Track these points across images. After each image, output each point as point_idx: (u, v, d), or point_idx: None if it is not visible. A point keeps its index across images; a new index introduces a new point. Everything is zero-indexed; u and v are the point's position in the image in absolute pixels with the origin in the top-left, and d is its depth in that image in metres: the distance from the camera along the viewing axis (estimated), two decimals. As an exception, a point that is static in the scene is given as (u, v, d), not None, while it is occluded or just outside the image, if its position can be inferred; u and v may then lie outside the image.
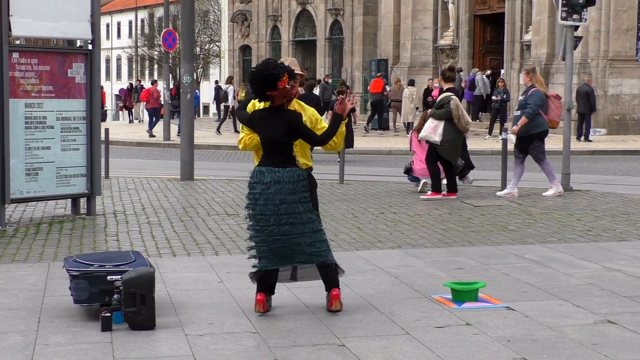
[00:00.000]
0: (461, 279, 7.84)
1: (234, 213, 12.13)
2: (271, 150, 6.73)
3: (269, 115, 6.75)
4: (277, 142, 6.70)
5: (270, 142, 6.73)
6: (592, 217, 11.80)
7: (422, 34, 38.25)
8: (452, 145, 13.51)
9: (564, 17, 14.74)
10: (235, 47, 52.19)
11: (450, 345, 5.96)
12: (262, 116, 6.79)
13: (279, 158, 6.71)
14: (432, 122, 13.57)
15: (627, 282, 7.87)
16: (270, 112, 6.77)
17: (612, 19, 29.52)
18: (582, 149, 24.88)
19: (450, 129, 13.44)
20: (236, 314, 6.77)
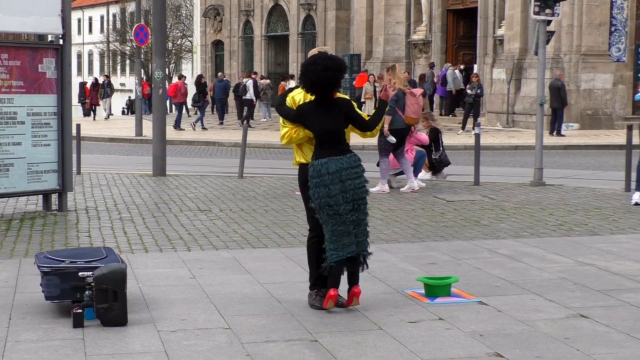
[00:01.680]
0: (434, 274, 7.85)
1: (207, 209, 12.09)
2: (328, 141, 6.73)
3: (321, 107, 6.76)
4: (334, 132, 6.75)
5: (328, 133, 6.73)
6: (565, 211, 11.85)
7: (395, 29, 38.28)
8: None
9: (537, 11, 14.78)
10: (207, 42, 52.02)
11: (423, 340, 5.96)
12: (313, 109, 6.77)
13: (338, 147, 6.74)
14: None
15: (599, 276, 7.91)
16: (322, 104, 6.76)
17: (584, 13, 29.65)
18: (555, 143, 24.99)
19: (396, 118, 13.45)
20: (208, 310, 6.73)
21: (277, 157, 22.89)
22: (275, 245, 9.49)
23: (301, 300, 6.99)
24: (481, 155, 15.69)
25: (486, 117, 32.18)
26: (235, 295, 7.20)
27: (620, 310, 6.69)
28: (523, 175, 16.61)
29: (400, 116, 13.55)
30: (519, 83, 31.13)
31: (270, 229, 10.45)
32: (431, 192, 13.89)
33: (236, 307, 6.81)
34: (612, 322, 6.35)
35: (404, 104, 13.51)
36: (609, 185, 14.97)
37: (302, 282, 7.59)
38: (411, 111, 13.51)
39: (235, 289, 7.42)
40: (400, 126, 13.62)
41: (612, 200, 12.90)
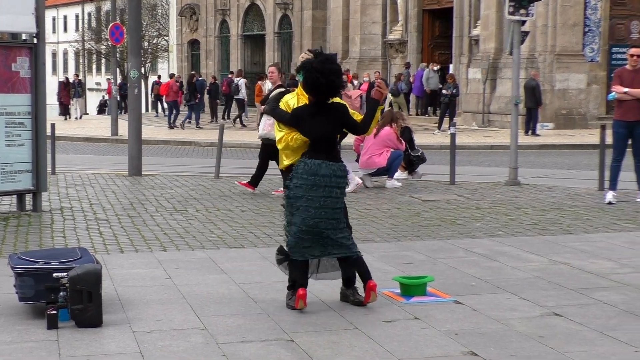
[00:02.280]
0: (410, 273, 7.87)
1: (183, 209, 12.06)
2: (322, 145, 6.73)
3: (318, 111, 6.75)
4: (329, 136, 6.77)
5: (323, 137, 6.74)
6: (540, 210, 11.91)
7: (371, 29, 38.35)
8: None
9: (511, 12, 14.85)
10: (183, 41, 51.91)
11: (399, 340, 5.98)
12: (310, 113, 6.76)
13: (332, 152, 6.76)
14: (268, 119, 13.52)
15: (573, 274, 7.96)
16: (319, 107, 6.76)
17: (558, 14, 29.82)
18: (530, 143, 25.12)
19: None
20: (184, 310, 6.72)
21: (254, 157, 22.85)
22: (252, 245, 9.48)
23: (277, 300, 6.99)
24: (457, 154, 15.74)
25: (462, 116, 32.31)
26: (211, 295, 7.19)
27: (593, 309, 6.74)
28: (498, 174, 16.68)
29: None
30: (494, 83, 31.27)
31: (246, 229, 10.44)
32: (407, 191, 13.93)
33: (212, 308, 6.80)
34: (586, 321, 6.40)
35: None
36: (583, 184, 15.06)
37: (278, 282, 7.59)
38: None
39: (211, 289, 7.41)
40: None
41: (586, 200, 12.99)
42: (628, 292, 7.25)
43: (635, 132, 12.24)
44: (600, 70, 30.51)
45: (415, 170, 15.91)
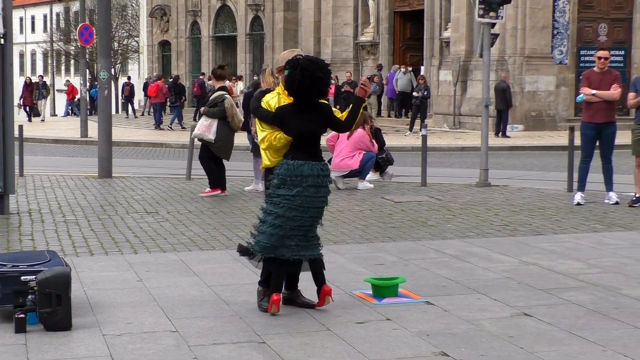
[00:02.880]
0: (381, 274, 7.89)
1: (154, 211, 12.02)
2: (305, 144, 6.71)
3: (302, 110, 6.72)
4: (313, 135, 6.75)
5: (307, 136, 6.72)
6: (510, 212, 11.98)
7: (342, 30, 38.39)
8: (225, 143, 13.64)
9: (481, 14, 14.94)
10: (154, 42, 51.71)
11: (371, 341, 5.99)
12: (294, 111, 6.72)
13: (314, 151, 6.74)
14: (205, 120, 13.69)
15: (543, 275, 8.02)
16: (303, 106, 6.72)
17: (528, 16, 30.00)
18: (500, 144, 25.25)
19: (223, 128, 13.55)
20: (155, 313, 6.70)
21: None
22: (223, 247, 9.46)
23: (249, 302, 6.99)
24: (428, 156, 15.80)
25: (433, 118, 32.42)
26: (183, 297, 7.17)
27: (562, 309, 6.79)
28: (469, 176, 16.76)
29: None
30: (465, 85, 31.42)
31: (218, 231, 10.42)
32: (379, 193, 13.96)
33: (183, 310, 6.79)
34: (555, 320, 6.45)
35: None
36: (552, 185, 15.16)
37: (250, 284, 7.59)
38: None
39: (182, 291, 7.39)
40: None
41: (555, 201, 13.08)
42: (596, 292, 7.31)
43: (603, 133, 12.35)
44: (569, 72, 30.72)
45: (386, 171, 15.95)
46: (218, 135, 13.52)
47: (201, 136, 13.66)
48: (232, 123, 13.56)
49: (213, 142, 13.56)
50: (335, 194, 13.85)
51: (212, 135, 13.51)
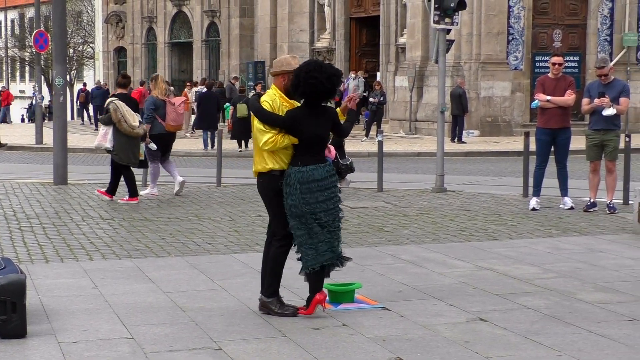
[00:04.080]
0: (338, 280, 7.89)
1: (110, 217, 11.95)
2: (313, 148, 6.77)
3: (313, 113, 6.76)
4: (323, 139, 6.85)
5: (317, 140, 6.78)
6: (466, 217, 12.06)
7: (298, 37, 38.41)
8: (122, 150, 13.59)
9: (436, 20, 15.03)
10: (109, 48, 51.36)
11: (327, 347, 6.01)
12: (305, 115, 6.74)
13: (321, 154, 6.83)
14: (102, 129, 13.76)
15: (498, 280, 8.08)
16: (314, 110, 6.77)
17: (483, 22, 30.23)
18: (456, 150, 25.40)
19: (118, 134, 13.55)
20: (111, 319, 6.66)
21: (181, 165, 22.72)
22: (180, 253, 9.43)
23: (205, 309, 6.97)
24: (384, 162, 15.86)
25: (389, 124, 32.53)
26: (139, 304, 7.14)
27: (517, 314, 6.85)
28: (425, 181, 16.85)
29: (160, 123, 14.06)
30: (421, 91, 31.58)
31: (174, 238, 10.38)
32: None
33: (139, 317, 6.76)
34: (510, 325, 6.50)
35: (164, 113, 14.08)
36: (508, 191, 15.28)
37: (205, 290, 7.59)
38: (171, 119, 14.15)
39: (138, 298, 7.36)
40: (161, 132, 14.13)
41: (510, 206, 13.18)
42: (551, 297, 7.39)
43: (558, 139, 12.47)
44: (524, 78, 30.99)
45: (344, 177, 15.95)
46: (115, 142, 13.52)
47: (99, 146, 13.79)
48: (120, 128, 13.44)
49: (112, 151, 13.58)
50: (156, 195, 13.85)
51: (109, 144, 13.54)
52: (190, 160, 24.49)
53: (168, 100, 14.21)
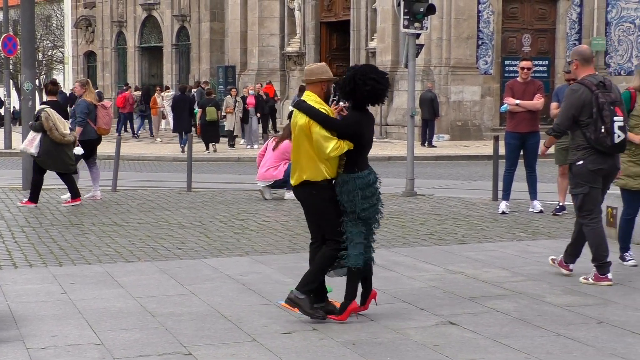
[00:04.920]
0: (308, 284, 7.89)
1: (79, 222, 11.88)
2: (366, 152, 6.86)
3: (366, 117, 6.86)
4: (372, 143, 6.96)
5: (370, 144, 6.89)
6: (436, 221, 12.10)
7: (269, 41, 38.39)
8: (48, 156, 13.65)
9: (406, 25, 15.08)
10: (79, 53, 51.08)
11: (297, 351, 6.01)
12: (364, 119, 6.83)
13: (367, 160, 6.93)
14: (30, 135, 13.92)
15: (468, 283, 8.11)
16: (366, 114, 6.86)
17: (453, 27, 30.38)
18: (426, 154, 25.49)
19: (47, 141, 13.59)
20: (80, 325, 6.63)
21: (151, 169, 22.67)
22: (150, 258, 9.40)
23: (175, 314, 6.95)
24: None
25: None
26: (108, 310, 7.11)
27: (486, 317, 6.88)
28: (396, 185, 16.85)
29: (92, 127, 14.26)
30: (391, 95, 31.65)
31: (144, 242, 10.34)
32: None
33: (109, 322, 6.73)
34: (479, 329, 6.53)
35: (95, 116, 14.31)
36: (477, 194, 15.35)
37: (175, 295, 7.57)
38: (103, 122, 14.44)
39: (107, 303, 7.32)
40: (92, 137, 14.36)
41: (480, 210, 13.24)
42: (520, 300, 7.43)
43: (527, 143, 12.54)
44: (494, 82, 31.18)
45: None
46: (41, 149, 13.57)
47: (25, 150, 13.88)
48: (52, 135, 13.49)
49: (35, 156, 13.68)
50: (261, 204, 13.86)
51: (35, 150, 13.61)
52: (160, 165, 24.42)
53: (101, 105, 14.51)
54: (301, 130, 6.73)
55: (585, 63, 8.18)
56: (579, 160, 8.04)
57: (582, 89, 8.02)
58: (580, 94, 8.00)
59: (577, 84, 8.14)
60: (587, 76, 8.10)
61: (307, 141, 6.71)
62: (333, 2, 36.46)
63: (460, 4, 30.26)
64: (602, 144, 7.92)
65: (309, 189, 6.78)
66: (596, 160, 7.99)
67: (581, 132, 8.01)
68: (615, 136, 7.91)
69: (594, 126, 7.92)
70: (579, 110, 8.00)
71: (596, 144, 7.93)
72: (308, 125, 6.68)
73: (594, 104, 7.93)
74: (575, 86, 8.16)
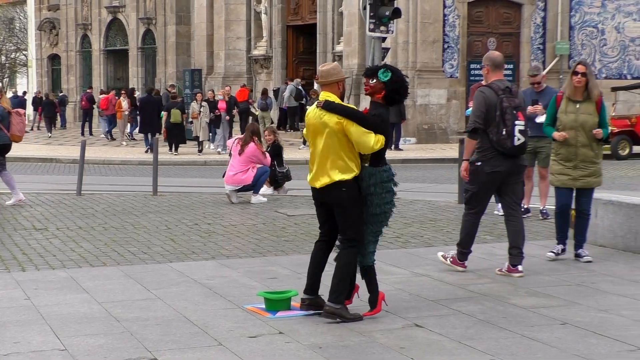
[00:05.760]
0: (275, 288, 7.90)
1: (43, 227, 11.78)
2: (386, 148, 7.00)
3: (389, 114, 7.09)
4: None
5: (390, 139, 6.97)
6: (402, 224, 12.12)
7: (235, 44, 38.34)
8: None
9: (372, 28, 15.15)
10: (43, 56, 50.69)
11: (263, 355, 6.00)
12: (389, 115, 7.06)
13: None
14: None
15: (434, 286, 8.14)
16: (388, 111, 7.06)
17: (419, 31, 30.49)
18: (393, 157, 25.50)
19: None
20: (44, 331, 6.57)
21: (117, 174, 22.54)
22: (115, 263, 9.34)
23: (141, 318, 6.91)
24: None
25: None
26: (72, 315, 7.05)
27: (452, 319, 6.91)
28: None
29: (5, 133, 14.18)
30: (358, 98, 31.71)
31: (109, 247, 10.28)
32: (272, 207, 13.97)
33: (73, 328, 6.67)
34: (445, 331, 6.56)
35: (9, 123, 14.21)
36: (443, 197, 15.41)
37: (141, 299, 7.52)
38: (17, 130, 14.35)
39: (72, 309, 7.27)
40: (4, 142, 14.25)
41: (446, 212, 13.29)
42: (485, 302, 7.47)
43: (492, 146, 12.58)
44: (460, 85, 31.33)
45: (281, 185, 15.98)
46: None
47: None
48: None
49: None
50: (228, 208, 13.83)
51: None
52: (126, 168, 24.29)
53: (15, 111, 14.43)
54: (332, 131, 6.84)
55: (496, 69, 8.74)
56: (478, 161, 8.59)
57: (489, 91, 8.58)
58: (487, 96, 8.55)
59: (486, 87, 8.68)
60: (496, 81, 8.65)
61: (338, 140, 6.85)
62: (299, 6, 36.49)
63: (426, 7, 30.39)
64: (503, 145, 8.46)
65: (339, 188, 6.92)
66: (494, 162, 8.53)
67: (484, 133, 8.52)
68: (516, 139, 8.50)
69: (497, 128, 8.47)
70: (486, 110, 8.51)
71: (498, 146, 8.49)
72: (342, 125, 6.82)
73: (498, 107, 8.47)
74: (483, 89, 8.69)
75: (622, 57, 33.02)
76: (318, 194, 7.12)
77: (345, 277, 6.94)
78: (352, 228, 6.95)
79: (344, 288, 6.93)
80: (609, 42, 32.84)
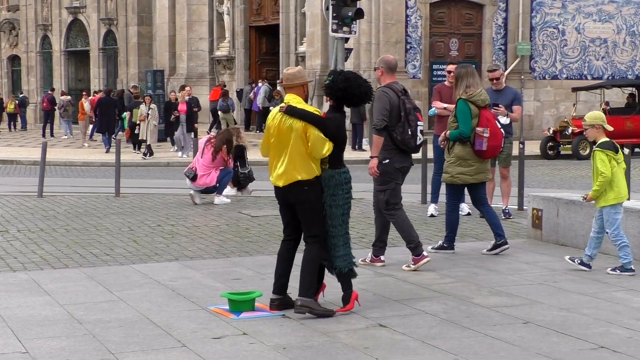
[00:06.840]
0: (238, 289, 7.89)
1: (3, 229, 11.67)
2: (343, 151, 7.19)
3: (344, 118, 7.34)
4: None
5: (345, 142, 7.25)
6: (366, 224, 12.14)
7: (198, 45, 38.22)
8: None
9: (335, 29, 15.17)
10: (3, 57, 50.21)
11: (227, 356, 5.98)
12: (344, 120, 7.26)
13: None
14: None
15: (398, 286, 8.17)
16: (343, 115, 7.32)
17: (381, 31, 30.57)
18: (356, 158, 25.54)
19: None
20: (4, 334, 6.51)
21: (79, 175, 22.38)
22: (77, 265, 9.27)
23: (103, 320, 6.87)
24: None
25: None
26: (34, 317, 6.99)
27: (416, 319, 6.94)
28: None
29: None
30: (321, 99, 31.71)
31: (71, 249, 10.20)
32: (236, 208, 13.94)
33: (34, 330, 6.62)
34: (409, 330, 6.58)
35: None
36: (406, 197, 15.37)
37: (104, 301, 7.48)
38: None
39: (33, 311, 7.20)
40: None
41: (409, 213, 13.22)
42: (448, 302, 7.50)
43: (454, 146, 12.65)
44: (422, 86, 31.43)
45: (245, 186, 15.95)
46: None
47: None
48: None
49: None
50: (192, 209, 13.78)
51: None
52: (88, 170, 24.12)
53: None
54: (297, 134, 7.06)
55: (390, 71, 9.03)
56: (386, 159, 8.87)
57: (392, 92, 8.81)
58: (391, 97, 8.78)
59: (387, 87, 8.89)
60: (392, 83, 8.93)
61: (302, 143, 7.06)
62: (262, 6, 36.45)
63: (389, 8, 30.47)
64: (408, 144, 8.86)
65: (301, 187, 7.11)
66: (399, 159, 8.93)
67: (387, 133, 8.77)
68: (418, 139, 8.88)
69: (402, 128, 8.79)
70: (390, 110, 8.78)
71: (402, 145, 8.86)
72: (305, 129, 7.03)
73: (401, 108, 8.76)
74: (386, 89, 8.89)
75: (582, 57, 33.33)
76: (281, 193, 7.24)
77: (313, 270, 7.09)
78: (315, 225, 7.09)
79: (313, 282, 7.07)
80: (569, 42, 33.12)
